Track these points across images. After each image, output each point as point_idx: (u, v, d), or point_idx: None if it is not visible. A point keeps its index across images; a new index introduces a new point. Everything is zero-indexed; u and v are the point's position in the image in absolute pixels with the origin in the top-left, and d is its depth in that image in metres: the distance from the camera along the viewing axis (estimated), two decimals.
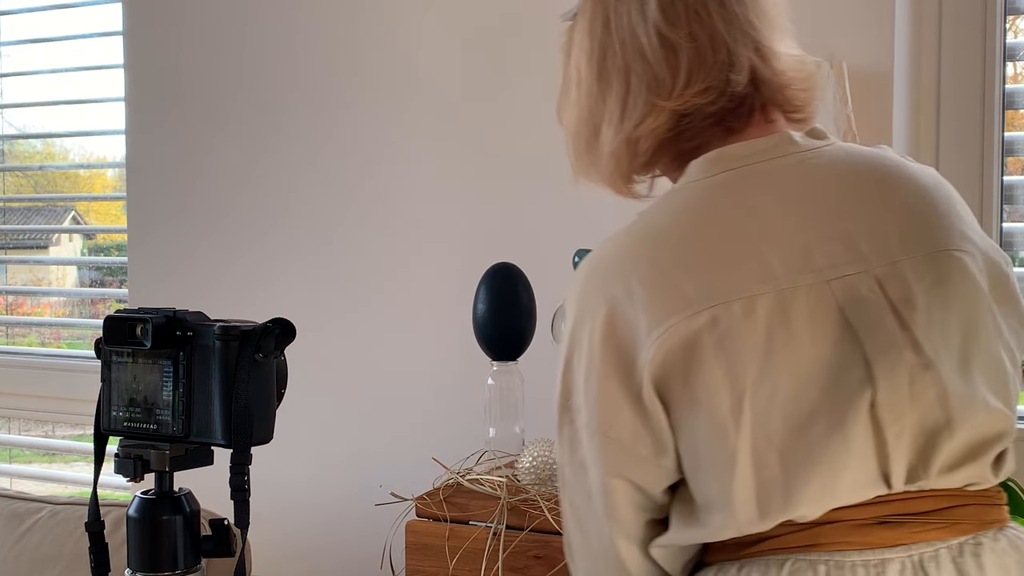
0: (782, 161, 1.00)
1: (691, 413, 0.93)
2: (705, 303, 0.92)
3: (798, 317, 0.91)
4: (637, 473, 0.97)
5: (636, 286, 0.95)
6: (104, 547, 1.14)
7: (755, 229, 0.96)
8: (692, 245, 0.96)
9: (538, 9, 2.02)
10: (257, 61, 2.30)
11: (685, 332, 0.92)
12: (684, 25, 1.02)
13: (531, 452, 1.56)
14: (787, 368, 0.91)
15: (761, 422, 0.91)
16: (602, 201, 1.97)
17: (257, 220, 2.31)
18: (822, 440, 0.90)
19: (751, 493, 0.92)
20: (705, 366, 0.92)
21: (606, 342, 0.96)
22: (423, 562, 1.53)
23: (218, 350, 1.05)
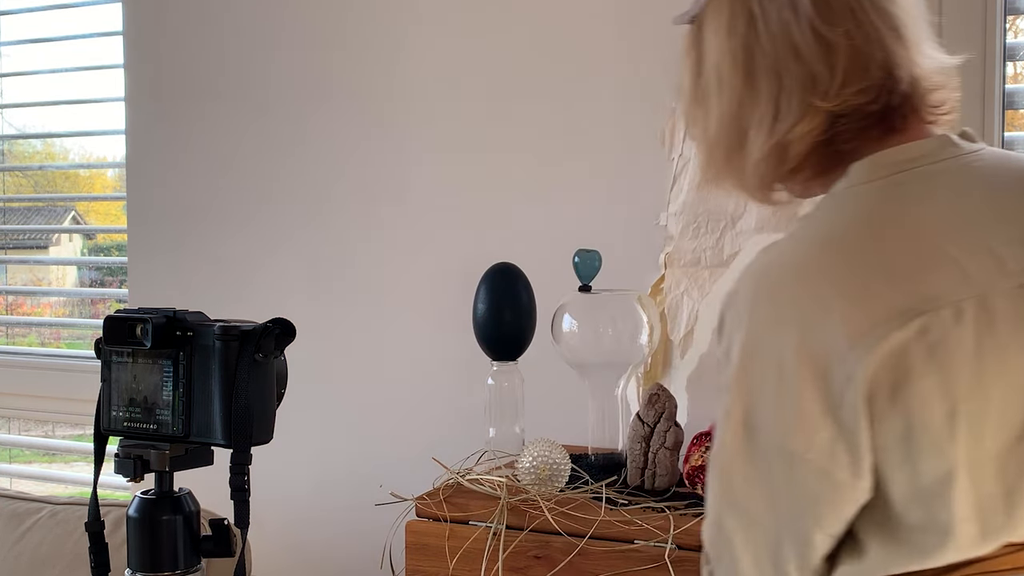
0: (948, 164, 0.97)
1: (900, 429, 0.88)
2: (914, 311, 0.87)
3: (1003, 323, 0.88)
4: (829, 497, 0.91)
5: (831, 297, 0.89)
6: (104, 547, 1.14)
7: (941, 233, 0.91)
8: (882, 251, 0.91)
9: (539, 8, 2.02)
10: (257, 61, 2.30)
11: (894, 343, 0.86)
12: (840, 22, 0.98)
13: (531, 452, 1.56)
14: (998, 377, 0.87)
15: (976, 434, 0.87)
16: (602, 201, 1.98)
17: (257, 220, 2.31)
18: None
19: (971, 511, 0.87)
20: (915, 377, 0.87)
21: (799, 358, 0.89)
22: (423, 562, 1.53)
23: (218, 350, 1.05)
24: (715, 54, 1.04)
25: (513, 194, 2.05)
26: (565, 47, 2.00)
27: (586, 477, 1.61)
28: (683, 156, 1.86)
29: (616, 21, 1.96)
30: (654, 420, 1.58)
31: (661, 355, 1.86)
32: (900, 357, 0.87)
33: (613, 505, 1.49)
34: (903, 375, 0.87)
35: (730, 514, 0.96)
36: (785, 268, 0.95)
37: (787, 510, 0.92)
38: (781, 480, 0.92)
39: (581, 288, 1.69)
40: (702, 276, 1.82)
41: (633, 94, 1.94)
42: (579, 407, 1.74)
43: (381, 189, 2.18)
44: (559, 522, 1.44)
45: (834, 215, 0.97)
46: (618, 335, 1.68)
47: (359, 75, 2.19)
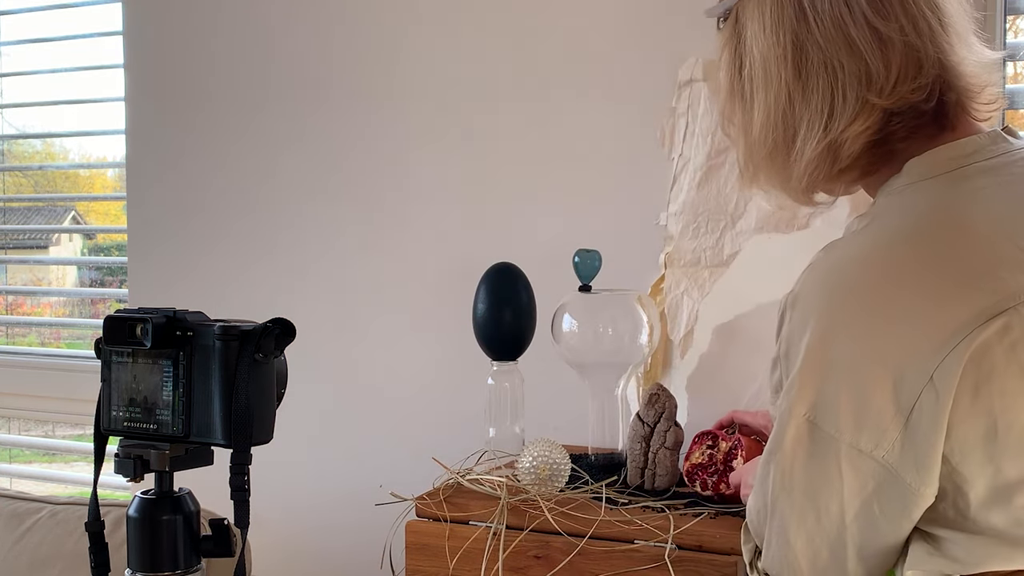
0: (1002, 159, 0.97)
1: (983, 429, 0.87)
2: (993, 310, 0.86)
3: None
4: (894, 496, 0.90)
5: (908, 298, 0.88)
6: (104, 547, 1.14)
7: (1007, 230, 0.90)
8: (955, 249, 0.90)
9: (539, 8, 2.02)
10: (257, 61, 2.30)
11: (977, 343, 0.85)
12: (894, 18, 0.96)
13: (531, 452, 1.56)
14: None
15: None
16: (602, 201, 1.98)
17: (257, 220, 2.31)
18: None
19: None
20: (998, 376, 0.86)
21: (872, 358, 0.88)
22: (423, 562, 1.53)
23: (218, 350, 1.05)
24: (761, 48, 1.01)
25: (513, 194, 2.05)
26: (565, 47, 2.00)
27: (586, 477, 1.61)
28: (683, 156, 1.86)
29: (616, 21, 1.96)
30: (654, 420, 1.58)
31: (661, 355, 1.86)
32: (983, 356, 0.86)
33: (613, 505, 1.49)
34: (986, 374, 0.86)
35: (786, 500, 0.95)
36: (855, 267, 0.93)
37: (850, 505, 0.92)
38: (848, 477, 0.91)
39: (581, 288, 1.69)
40: (702, 276, 1.82)
41: (633, 94, 1.94)
42: (579, 407, 1.74)
43: (381, 189, 2.18)
44: (559, 522, 1.44)
45: (899, 213, 0.96)
46: (618, 335, 1.68)
47: (359, 75, 2.19)
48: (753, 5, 1.03)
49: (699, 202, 1.83)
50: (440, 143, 2.12)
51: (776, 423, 0.96)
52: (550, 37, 2.02)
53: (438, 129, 2.12)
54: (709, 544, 1.37)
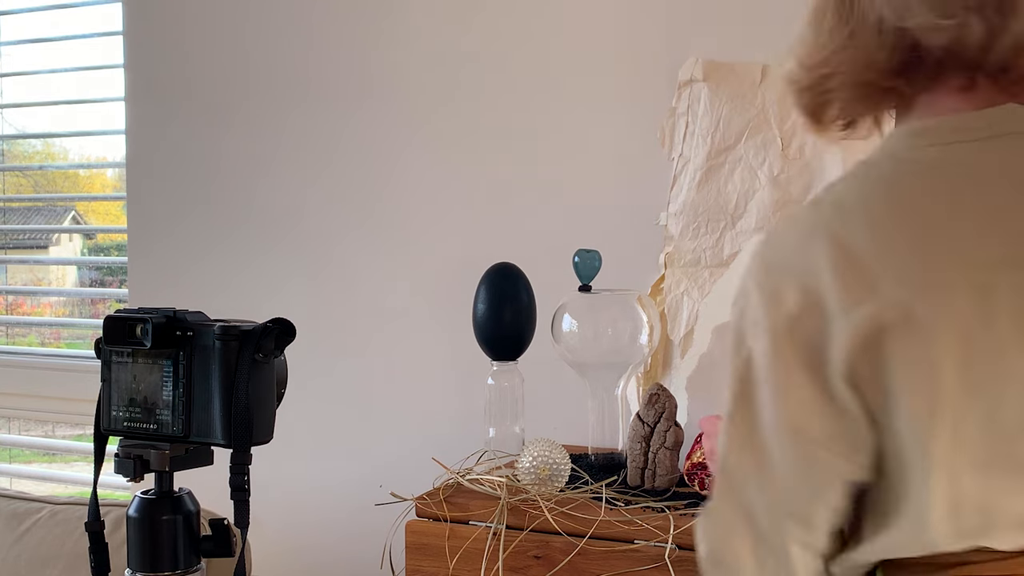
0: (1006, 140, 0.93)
1: (888, 408, 0.85)
2: (907, 291, 0.84)
3: (1003, 314, 0.83)
4: (826, 471, 0.89)
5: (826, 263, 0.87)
6: (104, 547, 1.14)
7: (954, 211, 0.88)
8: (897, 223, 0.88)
9: (540, 8, 2.02)
10: (257, 61, 2.30)
11: (877, 320, 0.83)
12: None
13: (531, 452, 1.56)
14: (991, 376, 0.83)
15: (961, 427, 0.83)
16: (602, 201, 1.98)
17: (257, 220, 2.31)
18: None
19: (946, 507, 0.85)
20: (898, 358, 0.84)
21: (791, 332, 0.87)
22: (423, 562, 1.53)
23: (218, 350, 1.05)
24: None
25: (513, 194, 2.05)
26: (565, 47, 2.00)
27: (586, 477, 1.61)
28: (683, 156, 1.86)
29: (616, 21, 1.96)
30: (654, 420, 1.58)
31: (661, 355, 1.86)
32: (882, 334, 0.84)
33: (613, 505, 1.49)
34: (886, 355, 0.84)
35: (727, 500, 0.95)
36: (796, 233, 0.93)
37: (784, 485, 0.91)
38: (778, 456, 0.91)
39: (581, 288, 1.69)
40: (702, 276, 1.82)
41: (633, 94, 1.94)
42: (579, 407, 1.74)
43: (381, 189, 2.18)
44: (559, 522, 1.44)
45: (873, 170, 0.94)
46: (618, 335, 1.68)
47: (359, 74, 2.19)
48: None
49: (699, 202, 1.83)
50: (440, 143, 2.12)
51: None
52: (550, 37, 2.02)
53: (438, 129, 2.12)
54: None
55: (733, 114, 1.81)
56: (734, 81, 1.81)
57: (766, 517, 0.93)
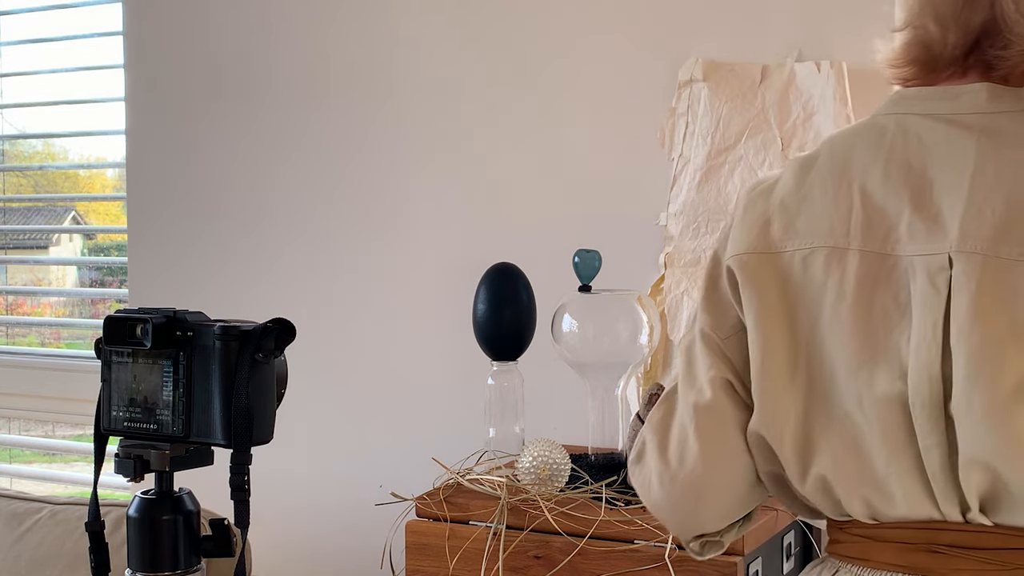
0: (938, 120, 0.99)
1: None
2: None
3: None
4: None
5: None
6: (104, 547, 1.14)
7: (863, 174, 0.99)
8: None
9: (540, 8, 2.02)
10: (258, 61, 2.30)
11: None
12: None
13: (531, 452, 1.56)
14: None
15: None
16: (602, 201, 1.98)
17: (257, 220, 2.31)
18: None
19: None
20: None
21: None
22: (423, 562, 1.53)
23: (218, 350, 1.05)
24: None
25: (513, 194, 2.05)
26: (565, 47, 2.00)
27: (586, 477, 1.61)
28: (683, 156, 1.86)
29: (616, 21, 1.96)
30: None
31: (661, 355, 1.86)
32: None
33: (613, 505, 1.49)
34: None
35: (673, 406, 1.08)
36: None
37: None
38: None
39: (581, 288, 1.69)
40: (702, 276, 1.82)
41: (633, 94, 1.94)
42: (579, 407, 1.74)
43: (381, 189, 2.18)
44: (559, 522, 1.44)
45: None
46: (618, 335, 1.68)
47: (359, 75, 2.19)
48: None
49: (699, 202, 1.83)
50: (440, 143, 2.12)
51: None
52: (550, 37, 2.02)
53: (438, 130, 2.12)
54: None
55: (733, 114, 1.81)
56: (734, 81, 1.81)
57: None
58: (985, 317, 0.88)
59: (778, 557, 1.53)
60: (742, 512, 1.07)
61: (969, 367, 0.88)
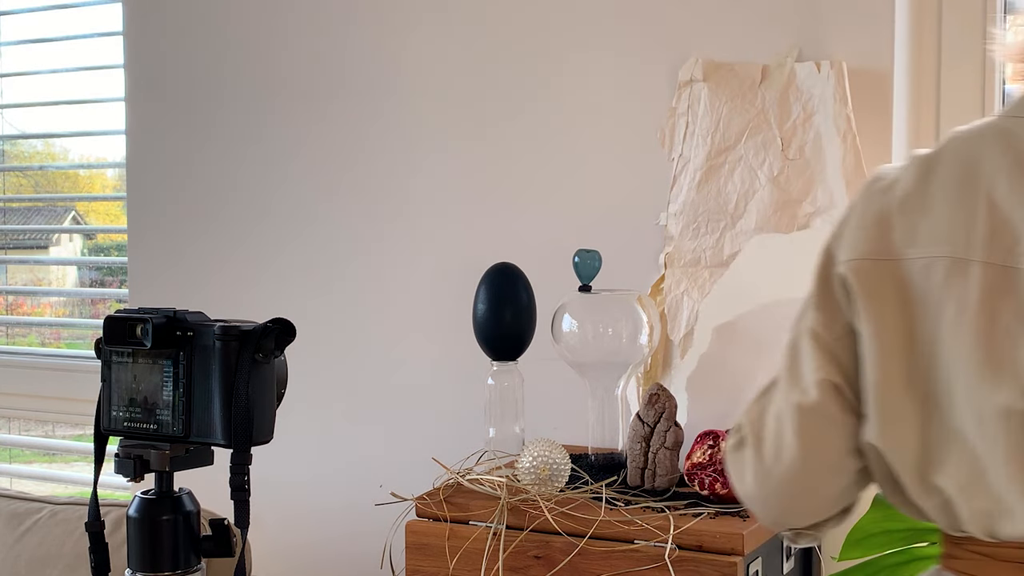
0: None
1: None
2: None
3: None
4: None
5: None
6: (104, 547, 1.14)
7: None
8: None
9: (539, 8, 2.02)
10: (257, 61, 2.30)
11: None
12: None
13: (531, 452, 1.56)
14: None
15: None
16: (602, 201, 1.98)
17: (257, 220, 2.31)
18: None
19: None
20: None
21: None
22: (423, 562, 1.54)
23: (218, 350, 1.05)
24: None
25: (513, 194, 2.05)
26: (565, 47, 2.00)
27: (586, 477, 1.61)
28: (683, 156, 1.86)
29: (616, 21, 1.96)
30: (654, 420, 1.58)
31: (661, 355, 1.86)
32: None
33: (613, 505, 1.49)
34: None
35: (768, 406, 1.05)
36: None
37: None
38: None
39: (581, 288, 1.69)
40: (702, 276, 1.82)
41: (633, 94, 1.94)
42: (579, 407, 1.74)
43: (381, 189, 2.18)
44: (559, 522, 1.44)
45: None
46: (618, 335, 1.68)
47: (359, 75, 2.19)
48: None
49: (699, 202, 1.83)
50: (440, 143, 2.12)
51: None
52: (550, 37, 2.02)
53: (438, 129, 2.12)
54: (709, 544, 1.37)
55: (733, 114, 1.81)
56: (734, 81, 1.81)
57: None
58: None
59: (778, 557, 1.53)
60: (836, 510, 1.06)
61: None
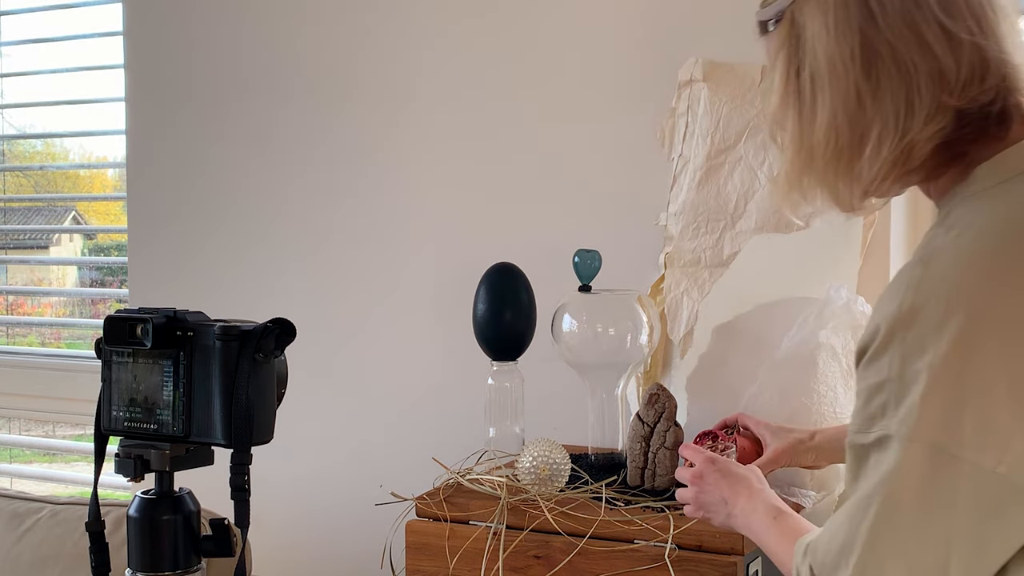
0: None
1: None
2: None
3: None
4: (1013, 514, 0.87)
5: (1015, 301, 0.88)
6: (104, 547, 1.14)
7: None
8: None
9: (539, 8, 2.02)
10: (257, 61, 2.30)
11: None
12: (962, 17, 0.94)
13: (531, 452, 1.56)
14: None
15: None
16: (602, 201, 1.98)
17: (257, 220, 2.31)
18: None
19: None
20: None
21: (999, 362, 0.87)
22: (423, 562, 1.54)
23: (218, 350, 1.05)
24: (826, 48, 0.97)
25: (513, 194, 2.05)
26: (565, 47, 2.00)
27: (586, 477, 1.61)
28: (683, 156, 1.86)
29: (616, 21, 1.96)
30: (654, 420, 1.58)
31: (661, 355, 1.86)
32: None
33: (613, 505, 1.49)
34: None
35: (890, 532, 0.91)
36: (979, 274, 0.90)
37: (960, 527, 0.88)
38: (964, 497, 0.88)
39: (581, 288, 1.69)
40: (702, 276, 1.82)
41: (633, 94, 1.94)
42: (579, 407, 1.74)
43: (382, 189, 2.18)
44: (559, 522, 1.44)
45: (986, 216, 0.94)
46: (618, 335, 1.68)
47: (360, 76, 2.19)
48: (813, 6, 1.00)
49: (699, 202, 1.83)
50: (441, 143, 2.12)
51: (880, 454, 0.92)
52: (550, 38, 2.02)
53: (439, 129, 2.12)
54: (709, 544, 1.37)
55: (733, 114, 1.81)
56: (734, 81, 1.81)
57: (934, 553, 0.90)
58: None
59: None
60: None
61: None
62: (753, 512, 1.20)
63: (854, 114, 0.97)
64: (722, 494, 1.25)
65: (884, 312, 0.93)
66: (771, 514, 1.18)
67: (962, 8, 0.96)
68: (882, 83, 0.95)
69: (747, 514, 1.21)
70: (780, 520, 1.17)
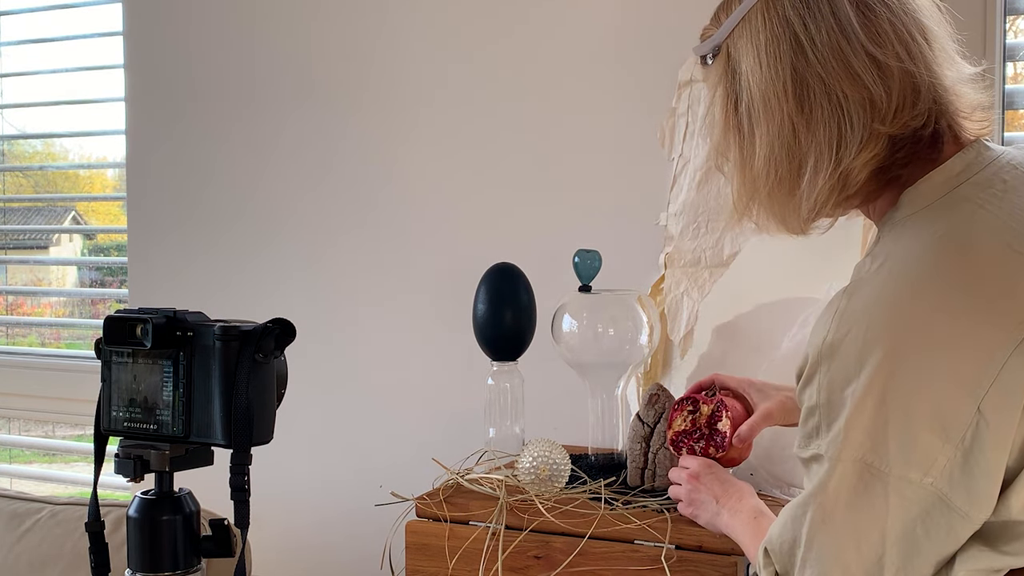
0: (989, 170, 0.98)
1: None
2: (1021, 328, 0.88)
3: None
4: (943, 523, 0.90)
5: (944, 329, 0.89)
6: (104, 547, 1.14)
7: (1011, 240, 0.92)
8: (971, 274, 0.92)
9: (539, 8, 2.02)
10: (257, 61, 2.30)
11: (1016, 366, 0.88)
12: (890, 45, 0.97)
13: (531, 452, 1.56)
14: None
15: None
16: (602, 201, 1.98)
17: (257, 220, 2.31)
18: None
19: None
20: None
21: (923, 392, 0.89)
22: (423, 562, 1.53)
23: (218, 350, 1.05)
24: (759, 83, 1.01)
25: (513, 194, 2.05)
26: (565, 47, 2.00)
27: (586, 477, 1.61)
28: (683, 156, 1.86)
29: (616, 21, 1.96)
30: (654, 420, 1.58)
31: (661, 355, 1.86)
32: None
33: (613, 505, 1.49)
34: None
35: (826, 534, 0.95)
36: (894, 306, 0.93)
37: (892, 530, 0.92)
38: (894, 505, 0.91)
39: (581, 288, 1.69)
40: (702, 276, 1.82)
41: (633, 94, 1.94)
42: (579, 407, 1.74)
43: (381, 189, 2.18)
44: (559, 522, 1.44)
45: (909, 245, 0.96)
46: (618, 335, 1.68)
47: (359, 75, 2.19)
48: (746, 40, 1.03)
49: (699, 202, 1.83)
50: (440, 143, 2.12)
51: (816, 467, 0.96)
52: (550, 37, 2.02)
53: (438, 129, 2.12)
54: (709, 544, 1.37)
55: None
56: None
57: (867, 554, 0.94)
58: None
59: None
60: None
61: None
62: (739, 513, 1.28)
63: (790, 145, 1.00)
64: (714, 493, 1.33)
65: (813, 342, 0.97)
66: (753, 515, 1.26)
67: (890, 36, 0.98)
68: (815, 115, 0.98)
69: (733, 514, 1.29)
70: (760, 519, 1.24)
